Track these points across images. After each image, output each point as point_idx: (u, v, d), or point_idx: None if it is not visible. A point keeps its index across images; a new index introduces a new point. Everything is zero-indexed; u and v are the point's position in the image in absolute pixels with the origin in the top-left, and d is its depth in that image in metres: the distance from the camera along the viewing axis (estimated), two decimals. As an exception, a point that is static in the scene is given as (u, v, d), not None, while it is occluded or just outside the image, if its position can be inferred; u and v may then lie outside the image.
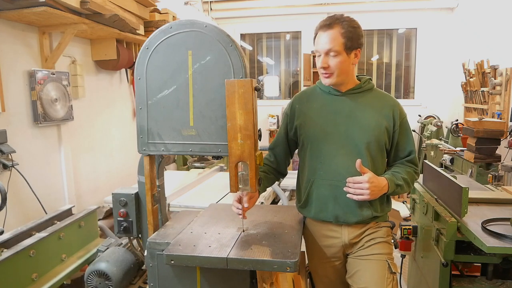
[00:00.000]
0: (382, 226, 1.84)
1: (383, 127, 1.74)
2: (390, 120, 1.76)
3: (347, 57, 1.70)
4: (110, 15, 3.07)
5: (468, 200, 1.94)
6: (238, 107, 1.48)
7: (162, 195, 1.88)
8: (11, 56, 2.85)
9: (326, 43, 1.67)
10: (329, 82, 1.75)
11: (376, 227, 1.82)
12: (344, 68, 1.71)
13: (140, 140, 1.67)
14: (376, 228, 1.82)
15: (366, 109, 1.76)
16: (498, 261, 1.97)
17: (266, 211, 2.02)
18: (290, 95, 8.15)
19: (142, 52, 1.61)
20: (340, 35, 1.66)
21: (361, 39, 1.72)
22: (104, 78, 4.03)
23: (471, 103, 5.82)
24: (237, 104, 1.48)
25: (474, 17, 6.08)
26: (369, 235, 1.81)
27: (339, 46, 1.66)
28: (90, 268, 1.95)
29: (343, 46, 1.67)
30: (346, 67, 1.71)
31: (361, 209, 1.75)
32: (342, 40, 1.66)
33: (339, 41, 1.66)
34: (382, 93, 1.86)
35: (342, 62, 1.69)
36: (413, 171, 1.83)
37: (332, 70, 1.71)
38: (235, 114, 1.49)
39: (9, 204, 2.36)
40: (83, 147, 3.68)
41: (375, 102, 1.79)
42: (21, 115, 2.95)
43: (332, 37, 1.66)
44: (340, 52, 1.67)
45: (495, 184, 3.61)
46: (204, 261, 1.49)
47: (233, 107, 1.49)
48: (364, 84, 1.81)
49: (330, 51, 1.68)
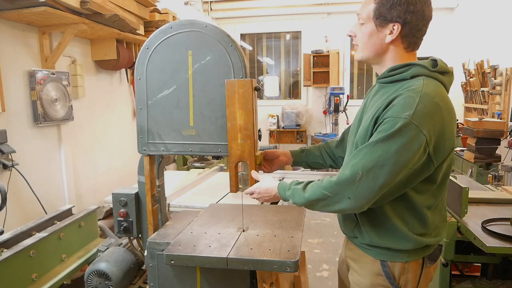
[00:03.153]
0: (369, 257, 1.46)
1: (368, 124, 1.36)
2: (375, 115, 1.33)
3: (376, 30, 1.35)
4: (110, 15, 3.07)
5: (468, 200, 1.94)
6: (238, 107, 1.48)
7: (162, 195, 1.88)
8: (11, 56, 2.85)
9: (360, 7, 1.40)
10: (355, 56, 1.47)
11: (361, 255, 1.49)
12: (371, 43, 1.38)
13: (140, 140, 1.67)
14: (361, 256, 1.49)
15: (375, 103, 1.39)
16: (498, 261, 1.98)
17: (266, 211, 2.02)
18: (290, 95, 8.16)
19: (142, 52, 1.61)
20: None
21: (401, 11, 1.30)
22: (104, 78, 4.03)
23: (471, 103, 5.82)
24: (237, 104, 1.48)
25: (474, 17, 6.08)
26: (355, 274, 1.52)
27: (367, 12, 1.36)
28: (90, 268, 1.95)
29: (372, 14, 1.34)
30: (373, 43, 1.37)
31: (345, 219, 1.54)
32: (372, 5, 1.34)
33: (369, 5, 1.35)
34: (408, 84, 1.33)
35: (367, 34, 1.37)
36: (323, 190, 1.32)
37: (357, 41, 1.43)
38: (235, 114, 1.49)
39: (9, 204, 2.35)
40: (83, 147, 3.68)
41: (386, 94, 1.36)
42: (21, 115, 2.94)
43: (366, 0, 1.38)
44: (366, 20, 1.37)
45: (495, 184, 3.61)
46: (204, 261, 1.49)
47: (233, 107, 1.49)
48: (393, 71, 1.37)
49: (359, 17, 1.40)
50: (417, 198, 1.37)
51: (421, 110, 1.23)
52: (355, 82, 7.82)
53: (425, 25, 1.37)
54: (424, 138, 1.24)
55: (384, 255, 1.42)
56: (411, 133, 1.22)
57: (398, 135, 1.22)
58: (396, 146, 1.22)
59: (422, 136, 1.23)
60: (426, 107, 1.24)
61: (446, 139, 1.31)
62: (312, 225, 4.91)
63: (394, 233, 1.38)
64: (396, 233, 1.37)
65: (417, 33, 1.37)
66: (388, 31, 1.34)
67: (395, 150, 1.22)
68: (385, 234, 1.39)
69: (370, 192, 1.26)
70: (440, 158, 1.32)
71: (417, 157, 1.26)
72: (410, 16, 1.31)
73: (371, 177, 1.24)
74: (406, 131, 1.22)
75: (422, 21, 1.35)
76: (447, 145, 1.32)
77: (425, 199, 1.38)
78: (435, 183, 1.37)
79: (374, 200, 1.29)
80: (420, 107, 1.23)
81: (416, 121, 1.22)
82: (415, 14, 1.32)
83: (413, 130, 1.22)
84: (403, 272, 1.41)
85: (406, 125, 1.22)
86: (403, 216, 1.39)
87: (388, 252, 1.41)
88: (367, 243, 1.44)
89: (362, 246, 1.48)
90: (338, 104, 6.83)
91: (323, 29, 7.31)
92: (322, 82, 7.41)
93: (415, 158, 1.25)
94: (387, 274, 1.41)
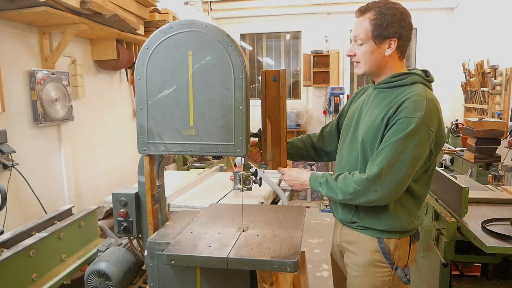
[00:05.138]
0: (366, 237, 1.65)
1: (378, 124, 1.54)
2: (386, 116, 1.52)
3: (376, 47, 1.55)
4: (110, 15, 3.07)
5: (468, 200, 1.95)
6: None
7: (162, 195, 1.88)
8: (11, 56, 2.85)
9: (354, 29, 1.59)
10: (356, 71, 1.65)
11: (358, 236, 1.67)
12: (373, 59, 1.57)
13: (140, 140, 1.67)
14: (358, 237, 1.67)
15: (379, 105, 1.58)
16: (498, 261, 1.98)
17: (266, 211, 2.02)
18: (290, 95, 8.15)
19: (142, 52, 1.61)
20: (368, 22, 1.53)
21: (396, 27, 1.51)
22: (104, 78, 4.03)
23: (471, 103, 5.82)
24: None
25: (474, 17, 6.08)
26: (352, 255, 1.70)
27: (365, 33, 1.54)
28: (90, 268, 1.95)
29: (370, 34, 1.53)
30: (375, 58, 1.57)
31: (344, 207, 1.70)
32: (369, 27, 1.53)
33: (366, 28, 1.54)
34: (410, 89, 1.54)
35: (368, 52, 1.56)
36: (354, 184, 1.51)
37: (359, 58, 1.60)
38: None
39: (9, 204, 2.35)
40: (83, 147, 3.68)
41: (390, 97, 1.56)
42: (21, 115, 2.94)
43: (360, 23, 1.56)
44: (365, 40, 1.55)
45: (495, 184, 3.61)
46: (204, 261, 1.49)
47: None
48: (395, 78, 1.58)
49: (356, 38, 1.58)
50: (415, 187, 1.59)
51: (428, 112, 1.47)
52: (355, 82, 7.81)
53: (411, 34, 1.60)
54: (432, 134, 1.48)
55: (381, 233, 1.62)
56: (423, 131, 1.45)
57: (415, 133, 1.44)
58: (413, 143, 1.44)
59: (430, 133, 1.48)
60: (431, 109, 1.48)
61: (442, 134, 1.58)
62: (312, 225, 4.92)
63: (391, 217, 1.59)
64: (394, 217, 1.59)
65: (407, 42, 1.59)
66: (386, 46, 1.55)
67: (413, 146, 1.44)
68: (383, 218, 1.59)
69: (395, 184, 1.46)
70: (437, 151, 1.58)
71: (427, 151, 1.51)
72: (403, 30, 1.54)
73: (395, 171, 1.45)
74: (420, 129, 1.44)
75: (411, 31, 1.58)
76: (443, 140, 1.59)
77: (420, 187, 1.61)
78: (427, 173, 1.62)
79: (398, 192, 1.50)
80: (428, 109, 1.47)
81: (426, 120, 1.45)
82: (406, 28, 1.54)
83: (424, 129, 1.45)
84: (396, 248, 1.63)
85: (420, 124, 1.44)
86: (403, 203, 1.59)
87: (385, 231, 1.61)
88: (366, 226, 1.63)
89: (359, 229, 1.67)
90: (338, 104, 6.83)
91: (323, 29, 7.31)
92: (322, 82, 7.41)
93: (426, 152, 1.50)
94: (383, 250, 1.62)
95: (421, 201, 1.65)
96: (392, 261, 1.62)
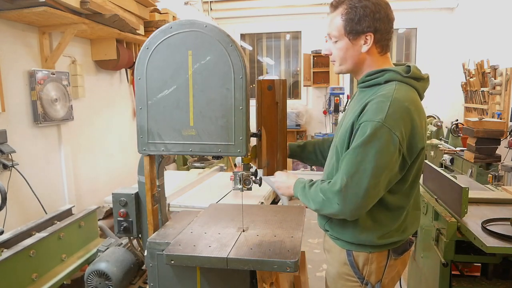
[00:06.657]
0: (337, 247, 1.55)
1: (348, 128, 1.41)
2: (353, 120, 1.39)
3: (351, 44, 1.42)
4: (110, 15, 3.07)
5: (468, 200, 1.94)
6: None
7: (162, 195, 1.87)
8: (11, 56, 2.85)
9: (327, 26, 1.47)
10: (335, 70, 1.54)
11: (332, 245, 1.59)
12: (349, 56, 1.45)
13: (140, 140, 1.67)
14: (332, 247, 1.59)
15: (354, 107, 1.46)
16: (498, 261, 1.97)
17: (266, 211, 2.02)
18: (290, 95, 8.15)
19: (142, 52, 1.61)
20: (340, 17, 1.42)
21: (369, 21, 1.38)
22: (104, 78, 4.03)
23: (471, 103, 5.82)
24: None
25: (474, 17, 6.09)
26: (327, 264, 1.65)
27: (337, 30, 1.43)
28: (90, 268, 1.95)
29: (343, 30, 1.41)
30: (351, 55, 1.45)
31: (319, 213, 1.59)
32: (341, 23, 1.41)
33: (338, 24, 1.42)
34: (382, 89, 1.41)
35: (343, 49, 1.44)
36: (322, 194, 1.40)
37: (334, 57, 1.49)
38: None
39: (9, 204, 2.36)
40: (83, 147, 3.68)
41: (363, 99, 1.42)
42: (21, 115, 2.94)
43: (332, 20, 1.45)
44: (339, 37, 1.44)
45: (495, 184, 3.61)
46: (204, 261, 1.49)
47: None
48: (369, 76, 1.45)
49: (330, 36, 1.47)
50: (390, 199, 1.43)
51: (392, 114, 1.30)
52: (355, 82, 7.77)
53: (392, 27, 1.45)
54: (397, 139, 1.30)
55: (349, 245, 1.50)
56: (385, 136, 1.29)
57: (374, 138, 1.29)
58: (374, 150, 1.29)
59: (395, 138, 1.30)
60: (396, 111, 1.31)
61: (417, 139, 1.37)
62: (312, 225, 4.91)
63: (358, 229, 1.45)
64: (361, 230, 1.45)
65: (387, 36, 1.44)
66: (362, 42, 1.42)
67: (373, 154, 1.29)
68: (350, 230, 1.47)
69: (357, 197, 1.32)
70: (412, 157, 1.38)
71: (394, 158, 1.32)
72: (379, 23, 1.39)
73: (355, 183, 1.31)
74: (381, 134, 1.29)
75: (389, 24, 1.43)
76: (419, 145, 1.38)
77: (398, 199, 1.44)
78: (406, 183, 1.43)
79: (364, 205, 1.34)
80: (391, 111, 1.30)
81: (388, 124, 1.29)
82: (382, 21, 1.40)
83: (386, 133, 1.29)
84: (367, 263, 1.49)
85: (380, 128, 1.29)
86: (374, 215, 1.44)
87: (353, 244, 1.49)
88: (336, 236, 1.54)
89: (332, 238, 1.57)
90: (338, 104, 6.83)
91: (323, 29, 7.29)
92: (322, 82, 7.41)
93: (393, 159, 1.32)
94: (351, 263, 1.50)
95: (400, 213, 1.46)
96: (362, 276, 1.49)
